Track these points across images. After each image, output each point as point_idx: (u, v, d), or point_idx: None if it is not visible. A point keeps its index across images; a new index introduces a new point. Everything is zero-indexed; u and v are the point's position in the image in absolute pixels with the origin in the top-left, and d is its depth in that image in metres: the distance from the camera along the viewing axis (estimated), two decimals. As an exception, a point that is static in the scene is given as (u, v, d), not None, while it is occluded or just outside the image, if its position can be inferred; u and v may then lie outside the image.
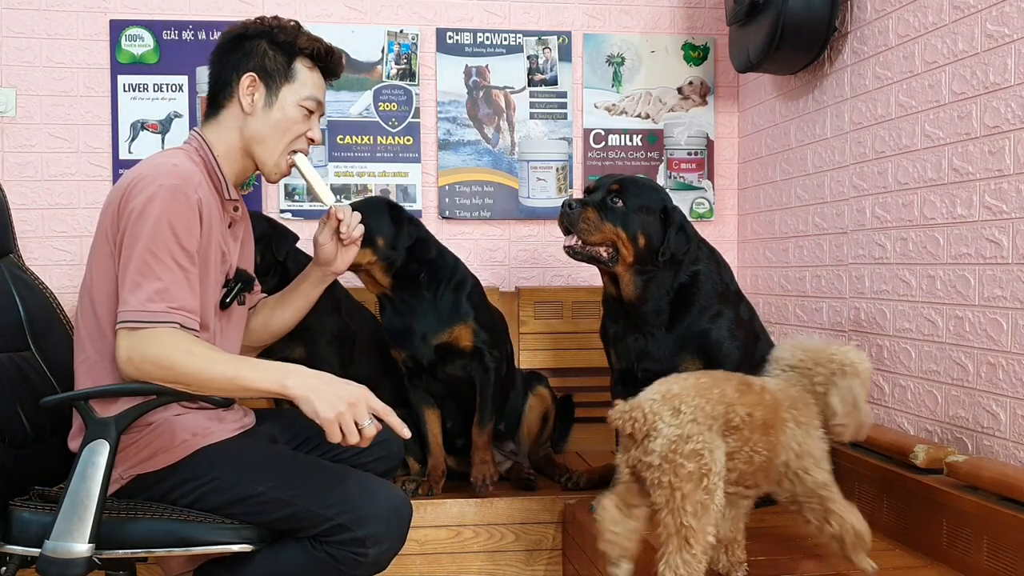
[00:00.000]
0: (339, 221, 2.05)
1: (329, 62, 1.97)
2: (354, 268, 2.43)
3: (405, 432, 1.66)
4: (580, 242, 2.22)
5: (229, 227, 1.91)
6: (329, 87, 2.03)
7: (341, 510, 1.69)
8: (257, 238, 2.58)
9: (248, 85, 1.87)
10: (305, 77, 1.91)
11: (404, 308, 2.57)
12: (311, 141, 1.96)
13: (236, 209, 1.92)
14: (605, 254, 2.23)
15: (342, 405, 1.59)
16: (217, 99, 1.91)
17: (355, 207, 2.42)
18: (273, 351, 2.57)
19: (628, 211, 2.23)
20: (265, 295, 2.23)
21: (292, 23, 1.94)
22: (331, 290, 2.74)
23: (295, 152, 1.95)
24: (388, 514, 1.73)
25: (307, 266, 2.16)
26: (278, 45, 1.90)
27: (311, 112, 1.93)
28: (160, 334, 1.64)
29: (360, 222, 2.21)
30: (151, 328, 1.64)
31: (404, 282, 2.54)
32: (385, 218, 2.50)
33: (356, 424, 1.60)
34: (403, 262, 2.53)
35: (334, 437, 1.59)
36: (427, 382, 2.63)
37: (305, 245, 2.81)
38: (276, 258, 2.66)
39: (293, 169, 1.98)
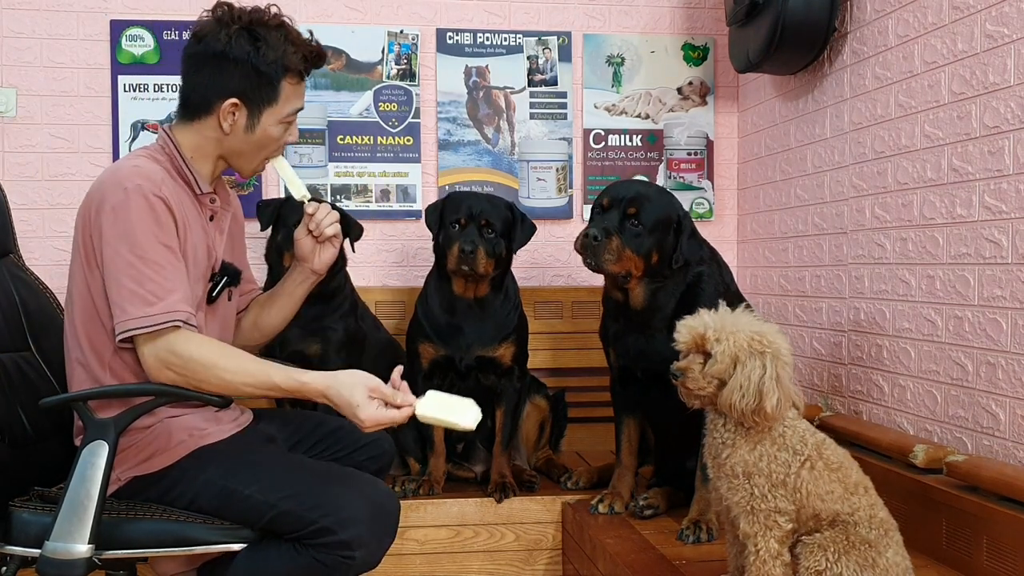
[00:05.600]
0: (310, 216, 1.99)
1: (316, 67, 1.91)
2: (471, 278, 2.50)
3: None
4: (599, 270, 2.23)
5: (211, 220, 1.89)
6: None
7: (325, 512, 1.68)
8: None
9: (230, 110, 1.81)
10: (289, 93, 1.84)
11: (466, 311, 2.57)
12: (287, 143, 1.93)
13: (213, 201, 1.89)
14: (622, 275, 2.25)
15: (361, 424, 1.69)
16: (193, 108, 1.84)
17: (486, 214, 2.51)
18: (288, 345, 2.60)
19: (645, 232, 2.23)
20: (260, 290, 2.20)
21: (275, 25, 1.82)
22: (348, 290, 2.77)
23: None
24: (373, 513, 1.72)
25: (289, 274, 2.10)
26: (266, 69, 1.80)
27: (292, 122, 1.89)
28: (181, 336, 1.67)
29: (491, 234, 2.43)
30: (165, 330, 1.66)
31: (494, 290, 2.59)
32: (509, 222, 2.57)
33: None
34: (502, 271, 2.59)
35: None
36: (451, 383, 2.62)
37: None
38: (351, 248, 2.74)
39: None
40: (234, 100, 1.80)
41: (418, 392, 2.65)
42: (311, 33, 1.90)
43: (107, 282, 1.69)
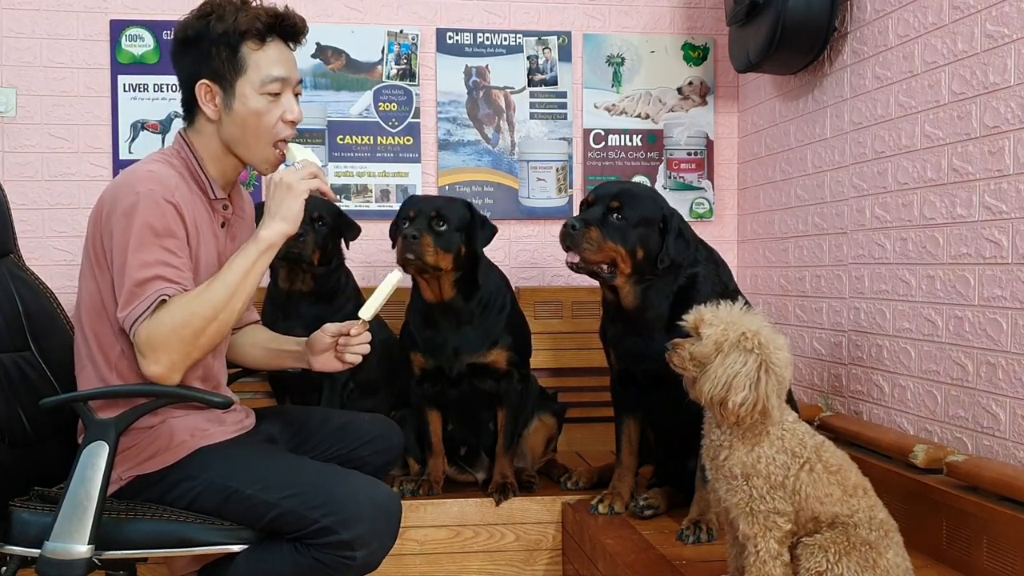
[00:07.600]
0: (348, 333, 1.92)
1: (279, 30, 1.81)
2: (426, 271, 2.42)
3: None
4: (581, 260, 2.22)
5: (223, 227, 1.89)
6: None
7: (326, 512, 1.67)
8: (333, 227, 2.71)
9: (205, 94, 1.79)
10: (256, 60, 1.78)
11: (444, 320, 2.53)
12: (291, 124, 1.83)
13: (226, 208, 1.89)
14: (606, 270, 2.24)
15: (299, 190, 1.72)
16: (188, 107, 1.85)
17: (437, 207, 2.43)
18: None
19: (628, 226, 2.23)
20: (258, 320, 2.18)
21: (230, 4, 1.79)
22: (351, 290, 2.77)
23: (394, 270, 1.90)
24: (374, 514, 1.71)
25: (297, 341, 2.04)
26: (218, 39, 1.76)
27: (277, 93, 1.80)
28: (146, 323, 1.64)
29: (443, 227, 2.36)
30: (150, 313, 1.64)
31: (463, 295, 2.52)
32: (467, 220, 2.49)
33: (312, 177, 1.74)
34: (468, 274, 2.51)
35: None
36: (443, 389, 2.60)
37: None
38: (345, 246, 2.79)
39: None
40: (204, 81, 1.79)
41: (411, 400, 2.68)
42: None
43: (115, 283, 1.69)
